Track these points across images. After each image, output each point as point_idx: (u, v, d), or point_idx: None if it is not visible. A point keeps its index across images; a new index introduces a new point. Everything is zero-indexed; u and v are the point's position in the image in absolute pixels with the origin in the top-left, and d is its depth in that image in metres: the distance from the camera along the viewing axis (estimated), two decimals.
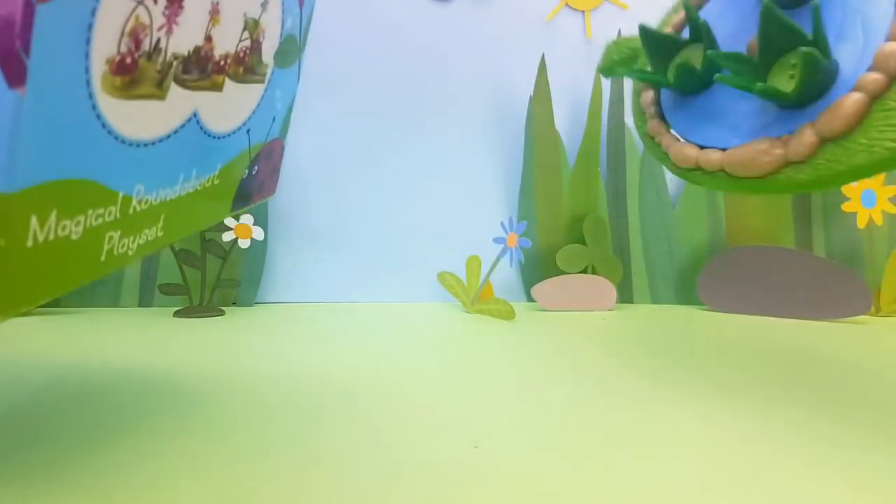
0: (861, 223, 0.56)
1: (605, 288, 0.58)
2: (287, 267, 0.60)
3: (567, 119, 0.61)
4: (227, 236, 0.54)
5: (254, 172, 0.29)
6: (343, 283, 0.61)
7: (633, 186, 0.61)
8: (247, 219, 0.55)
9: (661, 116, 0.32)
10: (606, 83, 0.61)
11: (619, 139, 0.61)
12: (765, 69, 0.25)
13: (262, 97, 0.27)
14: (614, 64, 0.34)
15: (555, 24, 0.61)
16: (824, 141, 0.23)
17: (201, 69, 0.21)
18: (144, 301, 0.57)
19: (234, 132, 0.25)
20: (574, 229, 0.60)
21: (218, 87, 0.22)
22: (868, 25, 0.24)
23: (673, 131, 0.31)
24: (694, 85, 0.30)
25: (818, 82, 0.24)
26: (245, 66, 0.24)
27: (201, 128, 0.22)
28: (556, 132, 0.61)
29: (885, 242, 0.61)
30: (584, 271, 0.59)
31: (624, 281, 0.60)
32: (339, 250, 0.61)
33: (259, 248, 0.58)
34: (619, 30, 0.60)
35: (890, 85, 0.22)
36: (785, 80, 0.25)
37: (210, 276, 0.55)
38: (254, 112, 0.27)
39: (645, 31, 0.31)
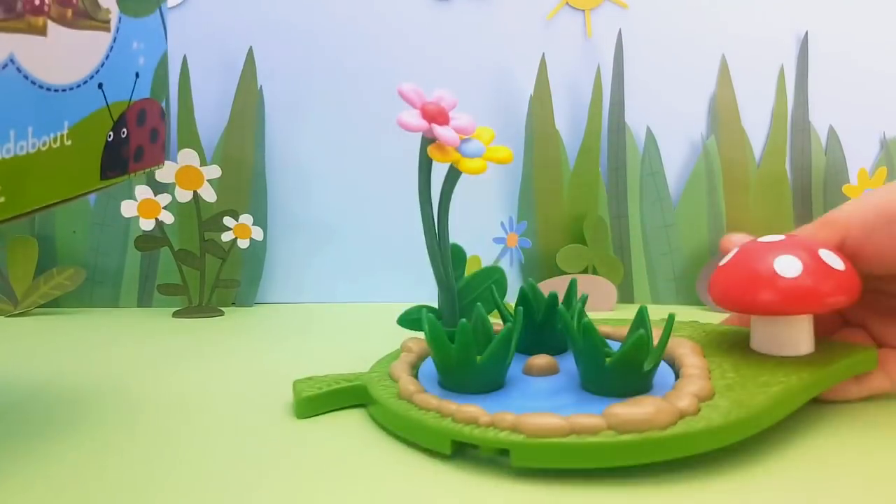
0: None
1: (606, 288, 0.57)
2: (286, 267, 0.60)
3: (567, 119, 0.61)
4: (226, 236, 0.54)
5: (123, 135, 0.27)
6: (343, 283, 0.60)
7: (634, 186, 0.61)
8: (246, 219, 0.55)
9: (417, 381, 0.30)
10: (607, 83, 0.61)
11: (620, 139, 0.60)
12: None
13: (112, 48, 0.25)
14: (310, 402, 0.30)
15: (555, 23, 0.61)
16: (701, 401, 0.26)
17: (7, 7, 0.19)
18: (143, 301, 0.57)
19: (78, 85, 0.23)
20: (574, 229, 0.60)
21: (39, 31, 0.20)
22: None
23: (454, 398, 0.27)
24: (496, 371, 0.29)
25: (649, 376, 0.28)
26: (74, 8, 0.22)
27: (25, 76, 0.20)
28: (556, 132, 0.60)
29: None
30: (585, 271, 0.59)
31: (624, 281, 0.60)
32: (338, 250, 0.60)
33: (258, 248, 0.58)
34: (619, 29, 0.60)
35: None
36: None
37: (209, 276, 0.55)
38: (102, 64, 0.24)
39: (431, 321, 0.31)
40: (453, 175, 0.35)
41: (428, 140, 0.32)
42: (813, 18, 0.62)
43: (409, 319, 0.38)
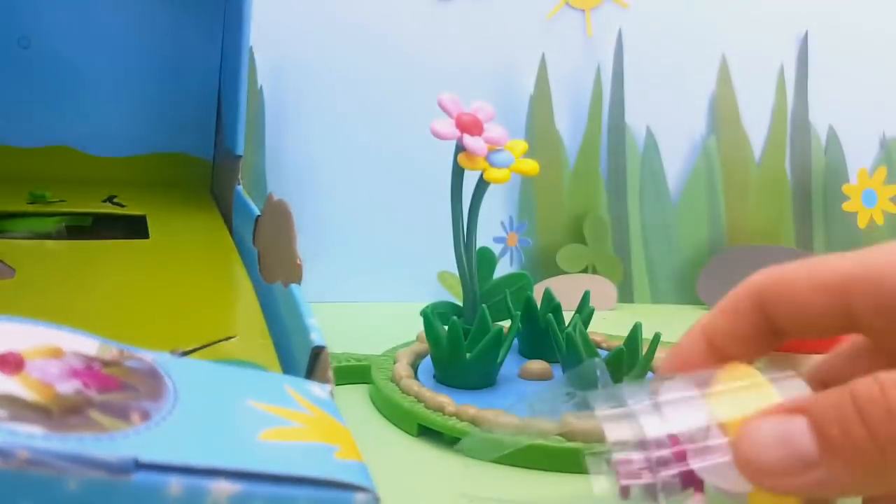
0: (862, 223, 0.56)
1: (606, 287, 0.57)
2: None
3: (567, 119, 0.61)
4: None
5: None
6: (342, 283, 0.60)
7: (634, 186, 0.61)
8: None
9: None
10: (607, 82, 0.61)
11: (620, 139, 0.61)
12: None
13: None
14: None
15: (555, 22, 0.61)
16: None
17: None
18: None
19: None
20: (574, 229, 0.60)
21: None
22: None
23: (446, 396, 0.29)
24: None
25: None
26: None
27: None
28: (556, 132, 0.60)
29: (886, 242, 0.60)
30: (585, 271, 0.59)
31: (624, 280, 0.60)
32: (338, 250, 0.60)
33: None
34: (620, 28, 0.60)
35: None
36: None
37: None
38: None
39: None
40: (483, 183, 0.37)
41: (461, 148, 0.34)
42: (813, 18, 0.62)
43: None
